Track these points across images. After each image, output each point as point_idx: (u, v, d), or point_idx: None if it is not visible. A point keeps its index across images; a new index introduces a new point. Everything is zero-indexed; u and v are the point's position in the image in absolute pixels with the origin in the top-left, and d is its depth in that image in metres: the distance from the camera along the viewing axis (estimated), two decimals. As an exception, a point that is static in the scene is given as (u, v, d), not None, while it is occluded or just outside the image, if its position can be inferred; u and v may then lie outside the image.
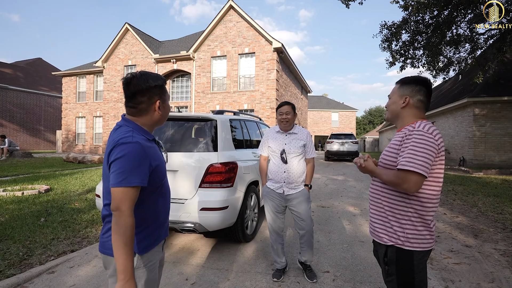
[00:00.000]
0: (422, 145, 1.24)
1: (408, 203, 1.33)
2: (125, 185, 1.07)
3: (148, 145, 1.19)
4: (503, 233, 3.95)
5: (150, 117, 1.25)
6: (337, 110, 39.63)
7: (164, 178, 1.31)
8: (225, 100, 16.34)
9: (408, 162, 1.23)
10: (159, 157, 1.25)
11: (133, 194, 1.10)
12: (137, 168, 1.10)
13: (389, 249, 1.36)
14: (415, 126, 1.32)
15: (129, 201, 1.08)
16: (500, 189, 7.20)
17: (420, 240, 1.32)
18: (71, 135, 21.29)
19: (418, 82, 1.42)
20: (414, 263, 1.32)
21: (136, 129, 1.21)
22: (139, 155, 1.12)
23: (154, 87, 1.22)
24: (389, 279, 1.38)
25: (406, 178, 1.24)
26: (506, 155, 12.44)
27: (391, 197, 1.37)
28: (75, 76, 21.31)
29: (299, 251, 2.89)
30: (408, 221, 1.33)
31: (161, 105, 1.26)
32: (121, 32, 18.64)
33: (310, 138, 2.75)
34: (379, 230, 1.41)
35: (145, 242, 1.22)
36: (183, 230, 3.02)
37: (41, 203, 5.14)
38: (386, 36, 12.39)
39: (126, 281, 1.05)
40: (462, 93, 14.34)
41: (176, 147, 3.22)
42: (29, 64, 28.80)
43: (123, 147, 1.11)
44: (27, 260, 2.94)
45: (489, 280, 2.64)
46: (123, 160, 1.09)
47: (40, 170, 9.93)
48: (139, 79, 1.20)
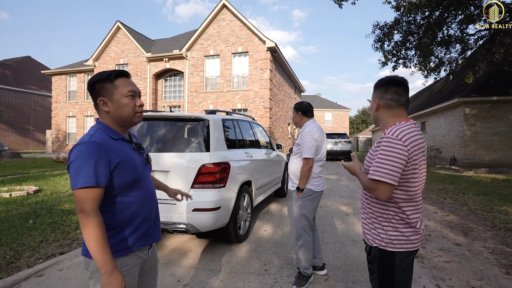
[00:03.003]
0: (389, 153, 1.24)
1: (387, 206, 1.34)
2: (82, 186, 1.06)
3: (109, 144, 1.15)
4: (492, 231, 4.01)
5: (105, 115, 1.22)
6: (330, 110, 39.84)
7: (137, 178, 1.23)
8: (218, 100, 16.27)
9: (375, 171, 1.25)
10: (125, 154, 1.19)
11: (93, 194, 1.08)
12: (90, 168, 1.07)
13: (372, 248, 1.39)
14: (385, 132, 1.32)
15: (90, 202, 1.07)
16: (489, 188, 7.33)
17: (403, 241, 1.31)
18: (61, 135, 20.94)
19: (384, 82, 1.41)
20: (395, 263, 1.32)
21: (102, 129, 1.19)
22: (93, 154, 1.09)
23: (94, 84, 1.19)
24: (372, 277, 1.41)
25: (375, 186, 1.27)
26: (495, 154, 12.68)
27: (373, 200, 1.39)
28: (65, 75, 20.95)
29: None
30: (390, 223, 1.33)
31: (107, 102, 1.20)
32: (112, 30, 18.39)
33: (305, 137, 2.56)
34: (366, 231, 1.44)
35: (118, 246, 1.17)
36: (175, 231, 2.99)
37: (30, 205, 5.04)
38: (379, 36, 12.50)
39: (110, 273, 1.05)
40: (453, 93, 14.56)
41: (168, 147, 3.18)
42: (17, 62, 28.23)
43: (77, 148, 1.10)
44: (14, 263, 2.87)
45: (479, 278, 2.68)
46: (76, 161, 1.08)
47: (29, 171, 9.75)
48: (90, 78, 1.21)
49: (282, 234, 3.89)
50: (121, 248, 1.18)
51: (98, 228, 1.06)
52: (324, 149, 2.67)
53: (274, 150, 5.86)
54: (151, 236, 1.31)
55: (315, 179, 2.61)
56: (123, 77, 1.23)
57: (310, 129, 2.57)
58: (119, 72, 1.23)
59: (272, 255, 3.20)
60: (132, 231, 1.22)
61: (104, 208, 1.15)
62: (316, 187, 2.60)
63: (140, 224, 1.25)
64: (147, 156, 1.36)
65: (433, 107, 15.40)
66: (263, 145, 5.25)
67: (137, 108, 1.24)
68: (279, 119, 17.97)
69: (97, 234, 1.06)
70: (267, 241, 3.64)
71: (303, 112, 2.71)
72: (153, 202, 1.33)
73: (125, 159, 1.18)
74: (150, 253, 1.35)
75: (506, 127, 12.56)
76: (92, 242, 1.05)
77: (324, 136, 2.68)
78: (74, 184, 1.07)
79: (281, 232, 3.99)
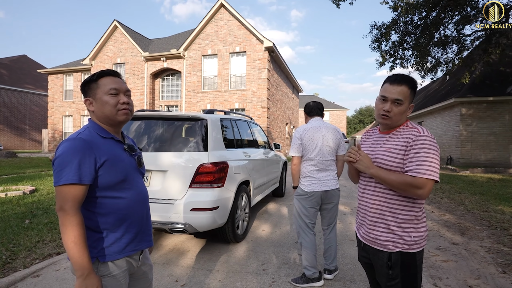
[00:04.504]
0: (434, 152, 1.26)
1: (411, 207, 1.32)
2: (64, 182, 1.04)
3: (97, 141, 1.14)
4: (488, 231, 4.04)
5: (93, 115, 1.22)
6: (328, 110, 39.96)
7: (125, 178, 1.20)
8: (216, 99, 16.24)
9: (426, 170, 1.23)
10: (112, 153, 1.17)
11: (75, 192, 1.05)
12: (74, 165, 1.06)
13: (393, 254, 1.33)
14: (419, 131, 1.29)
15: (71, 200, 1.04)
16: (485, 187, 7.38)
17: (422, 240, 1.33)
18: (57, 134, 20.81)
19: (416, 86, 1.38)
20: (417, 263, 1.33)
21: (92, 127, 1.19)
22: (78, 151, 1.07)
23: (83, 86, 1.22)
24: (392, 283, 1.34)
25: (423, 184, 1.23)
26: (491, 154, 12.77)
27: (394, 202, 1.33)
28: (61, 74, 20.81)
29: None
30: (412, 224, 1.32)
31: (92, 102, 1.21)
32: (109, 30, 18.29)
33: (294, 134, 2.64)
34: (381, 238, 1.35)
35: (106, 250, 1.14)
36: (173, 231, 2.98)
37: (26, 205, 5.00)
38: (376, 36, 12.55)
39: (85, 276, 1.02)
40: (450, 93, 14.64)
41: (166, 147, 3.17)
42: (13, 61, 27.97)
43: (63, 145, 1.09)
44: (10, 263, 2.85)
45: (475, 277, 2.69)
46: (61, 158, 1.07)
47: (25, 171, 9.67)
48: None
49: (280, 234, 3.89)
50: (109, 252, 1.14)
51: (77, 228, 1.03)
52: (318, 149, 2.53)
53: (272, 150, 5.87)
54: (142, 241, 1.26)
55: (305, 179, 2.57)
56: (108, 76, 1.22)
57: (298, 128, 2.62)
58: (105, 71, 1.23)
59: (270, 254, 3.20)
60: (121, 234, 1.18)
61: (91, 209, 1.13)
62: (306, 187, 2.55)
63: (130, 227, 1.21)
64: (138, 159, 1.30)
65: (430, 107, 15.48)
66: (261, 145, 5.25)
67: (119, 105, 1.20)
68: (277, 119, 17.98)
69: (76, 234, 1.03)
70: (265, 240, 3.64)
71: (305, 112, 2.79)
72: (144, 205, 1.29)
73: (112, 157, 1.16)
74: (141, 260, 1.30)
75: (502, 127, 12.66)
76: (70, 242, 1.02)
77: (318, 135, 2.54)
78: (56, 181, 1.05)
79: (279, 231, 3.99)
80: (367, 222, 1.40)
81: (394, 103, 1.32)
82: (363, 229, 1.44)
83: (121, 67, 18.58)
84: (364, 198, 1.43)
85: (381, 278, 1.38)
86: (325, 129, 2.57)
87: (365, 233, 1.42)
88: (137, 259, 1.26)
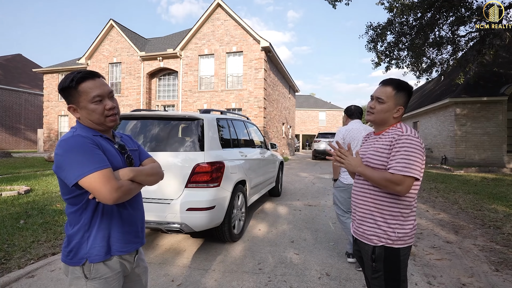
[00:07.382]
0: (413, 149, 1.31)
1: (396, 204, 1.38)
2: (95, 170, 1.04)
3: (92, 138, 1.14)
4: (482, 229, 4.09)
5: (81, 120, 1.19)
6: (324, 110, 40.07)
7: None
8: (212, 99, 16.22)
9: (404, 167, 1.29)
10: (107, 149, 1.17)
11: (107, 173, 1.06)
12: (90, 154, 1.06)
13: (377, 247, 1.40)
14: (402, 131, 1.37)
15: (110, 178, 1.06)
16: (479, 187, 7.46)
17: (407, 237, 1.38)
18: (53, 134, 20.63)
19: (408, 90, 1.44)
20: (400, 259, 1.38)
21: (81, 128, 1.17)
22: (86, 143, 1.08)
23: (61, 91, 1.16)
24: (376, 275, 1.42)
25: (400, 181, 1.29)
26: (485, 153, 12.91)
27: (379, 198, 1.40)
28: (57, 73, 20.63)
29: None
30: (398, 221, 1.38)
31: (76, 109, 1.16)
32: (105, 29, 18.18)
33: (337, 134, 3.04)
34: (367, 232, 1.43)
35: (99, 250, 1.12)
36: (169, 230, 2.98)
37: (21, 205, 4.96)
38: (372, 37, 12.62)
39: None
40: (444, 93, 14.78)
41: (162, 147, 3.17)
42: (8, 60, 27.68)
43: (65, 142, 1.08)
44: (5, 264, 2.83)
45: (469, 275, 2.73)
46: (72, 153, 1.05)
47: (20, 171, 9.59)
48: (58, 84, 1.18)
49: (276, 233, 3.90)
50: (102, 252, 1.12)
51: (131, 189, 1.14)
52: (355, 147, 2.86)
53: (269, 149, 5.88)
54: (136, 240, 1.25)
55: (345, 173, 2.97)
56: (87, 80, 1.14)
57: (341, 129, 3.01)
58: (83, 75, 1.14)
59: (267, 254, 3.21)
60: (115, 233, 1.16)
61: (82, 206, 1.11)
62: (345, 180, 2.95)
63: (124, 226, 1.20)
64: (128, 158, 1.26)
65: (425, 107, 15.61)
66: (257, 145, 5.26)
67: (106, 112, 1.17)
68: (273, 119, 18.00)
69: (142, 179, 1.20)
70: (261, 240, 3.65)
71: (347, 114, 3.15)
72: (137, 205, 1.28)
73: (108, 153, 1.16)
74: (136, 261, 1.28)
75: (496, 127, 12.80)
76: (143, 176, 1.20)
77: (358, 136, 2.89)
78: (80, 174, 1.03)
79: (275, 231, 4.01)
80: (357, 217, 1.50)
81: (377, 101, 1.45)
82: (354, 224, 1.53)
83: (117, 67, 18.48)
84: (355, 195, 1.52)
85: (367, 270, 1.48)
86: (364, 131, 2.94)
87: (355, 228, 1.51)
88: (131, 261, 1.25)
